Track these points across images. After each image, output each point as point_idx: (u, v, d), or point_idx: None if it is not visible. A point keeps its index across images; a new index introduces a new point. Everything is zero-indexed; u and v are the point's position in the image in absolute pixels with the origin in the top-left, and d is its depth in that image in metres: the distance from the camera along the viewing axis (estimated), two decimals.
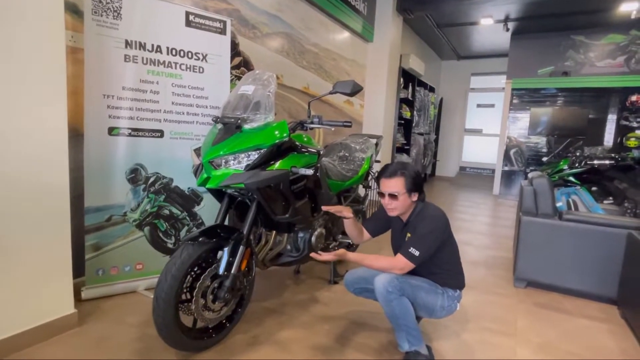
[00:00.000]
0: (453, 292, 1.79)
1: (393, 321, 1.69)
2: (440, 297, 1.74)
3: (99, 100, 2.09)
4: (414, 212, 1.77)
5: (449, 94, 9.32)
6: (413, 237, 1.68)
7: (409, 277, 1.69)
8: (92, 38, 2.04)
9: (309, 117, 1.98)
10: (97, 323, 1.95)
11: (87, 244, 2.15)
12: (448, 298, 1.76)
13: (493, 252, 3.60)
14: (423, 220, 1.71)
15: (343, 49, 4.87)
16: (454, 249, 1.84)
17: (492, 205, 6.20)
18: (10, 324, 1.64)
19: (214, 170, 1.68)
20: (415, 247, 1.64)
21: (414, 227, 1.72)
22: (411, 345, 1.69)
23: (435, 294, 1.73)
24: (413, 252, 1.63)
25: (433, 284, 1.75)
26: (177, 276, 1.55)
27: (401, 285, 1.64)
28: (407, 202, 1.72)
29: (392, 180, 1.70)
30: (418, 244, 1.65)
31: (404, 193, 1.69)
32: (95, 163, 2.12)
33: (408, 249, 1.64)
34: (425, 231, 1.67)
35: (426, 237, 1.66)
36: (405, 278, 1.67)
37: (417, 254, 1.63)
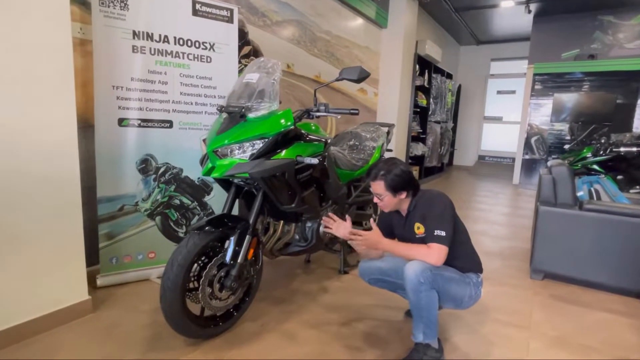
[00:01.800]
0: (477, 277, 1.74)
1: (416, 311, 1.64)
2: (469, 287, 1.69)
3: (108, 92, 2.12)
4: (411, 204, 1.73)
5: (468, 81, 9.06)
6: (430, 222, 1.63)
7: (443, 268, 1.62)
8: (100, 30, 2.05)
9: (315, 105, 1.95)
10: (111, 310, 2.00)
11: (101, 233, 2.20)
12: (474, 285, 1.71)
13: (510, 243, 3.50)
14: (430, 204, 1.67)
15: (356, 36, 4.77)
16: (464, 229, 1.79)
17: (512, 195, 6.04)
18: (28, 310, 1.70)
19: (219, 159, 1.67)
20: (439, 229, 1.59)
21: (421, 215, 1.68)
22: (425, 338, 1.64)
23: (465, 284, 1.68)
24: (440, 234, 1.58)
25: (462, 275, 1.70)
26: (183, 265, 1.57)
27: (434, 277, 1.57)
28: (394, 200, 1.71)
29: (374, 183, 1.70)
30: (440, 225, 1.60)
31: (387, 194, 1.69)
32: (106, 154, 2.15)
33: (433, 234, 1.59)
34: (438, 211, 1.64)
35: (443, 215, 1.63)
36: (439, 270, 1.60)
37: (444, 234, 1.59)
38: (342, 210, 2.47)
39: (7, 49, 1.53)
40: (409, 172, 1.70)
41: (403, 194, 1.70)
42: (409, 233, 1.73)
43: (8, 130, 1.56)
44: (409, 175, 1.69)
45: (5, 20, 1.51)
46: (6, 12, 1.51)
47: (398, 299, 2.25)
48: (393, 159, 1.76)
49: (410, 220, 1.73)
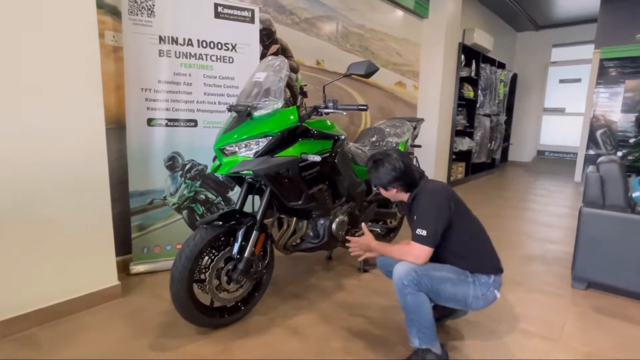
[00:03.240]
0: (486, 277, 1.60)
1: (406, 314, 1.59)
2: (472, 287, 1.58)
3: (137, 94, 2.28)
4: (410, 197, 1.66)
5: (526, 70, 8.37)
6: (416, 219, 1.57)
7: (432, 268, 1.55)
8: (129, 36, 2.21)
9: (324, 102, 1.93)
10: (138, 295, 2.18)
11: (133, 224, 2.39)
12: (481, 286, 1.59)
13: (554, 246, 3.20)
14: (419, 201, 1.59)
15: (392, 28, 4.63)
16: (475, 227, 1.66)
17: (570, 194, 5.50)
18: (64, 291, 1.91)
19: (225, 157, 1.73)
20: (421, 227, 1.52)
21: (415, 209, 1.61)
22: (422, 343, 1.57)
23: (465, 283, 1.58)
24: (420, 233, 1.52)
25: (462, 273, 1.59)
26: (190, 257, 1.65)
27: (419, 279, 1.51)
28: (388, 194, 1.70)
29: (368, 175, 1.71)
30: (422, 223, 1.53)
31: (380, 188, 1.70)
32: (137, 152, 2.33)
33: (415, 232, 1.54)
34: (424, 209, 1.56)
35: (427, 213, 1.54)
36: (427, 270, 1.53)
37: (425, 234, 1.51)
38: (360, 208, 2.43)
39: (44, 60, 1.71)
40: (397, 169, 1.60)
41: (393, 190, 1.66)
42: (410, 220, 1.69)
43: (45, 133, 1.75)
44: (398, 171, 1.60)
45: (40, 33, 1.69)
46: (40, 25, 1.69)
47: None
48: (386, 152, 1.67)
49: (412, 213, 1.65)
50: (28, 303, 1.81)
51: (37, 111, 1.72)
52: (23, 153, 1.70)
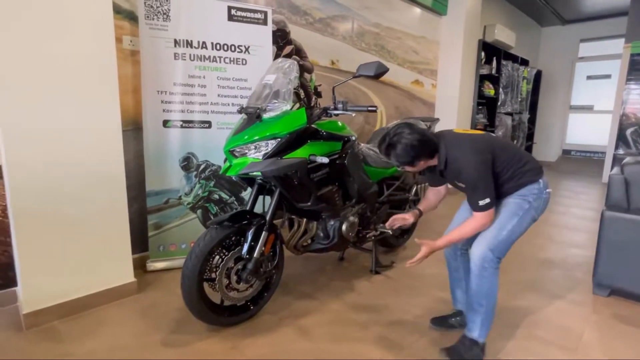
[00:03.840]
0: (536, 185, 1.64)
1: (475, 301, 1.63)
2: (532, 209, 1.64)
3: (154, 96, 2.35)
4: (440, 163, 1.63)
5: (551, 66, 8.07)
6: (470, 191, 1.58)
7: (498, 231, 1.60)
8: (145, 40, 2.28)
9: (334, 103, 1.93)
10: (153, 292, 2.24)
11: (150, 223, 2.46)
12: (537, 199, 1.64)
13: (577, 250, 3.08)
14: (460, 172, 1.57)
15: (409, 26, 4.57)
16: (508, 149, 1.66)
17: (597, 196, 5.28)
18: (82, 287, 1.99)
19: (235, 159, 1.76)
20: (480, 197, 1.54)
21: (456, 179, 1.62)
22: (481, 335, 1.63)
23: (526, 213, 1.63)
24: (482, 202, 1.54)
25: (518, 206, 1.63)
26: (200, 256, 1.69)
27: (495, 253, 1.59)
28: (417, 168, 1.65)
29: (388, 158, 1.64)
30: (479, 193, 1.54)
31: (403, 166, 1.64)
32: (153, 152, 2.40)
33: (478, 204, 1.56)
34: (474, 180, 1.54)
35: (479, 181, 1.54)
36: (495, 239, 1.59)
37: (487, 201, 1.54)
38: (372, 209, 2.42)
39: (65, 67, 1.79)
40: (418, 141, 1.54)
41: (420, 163, 1.61)
42: (451, 182, 1.71)
43: (66, 136, 1.83)
44: (418, 144, 1.55)
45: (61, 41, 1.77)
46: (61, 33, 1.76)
47: (426, 304, 2.15)
48: (402, 126, 1.61)
49: (448, 176, 1.67)
50: (51, 297, 1.89)
51: (59, 115, 1.80)
52: (46, 155, 1.78)
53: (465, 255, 1.85)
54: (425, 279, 2.48)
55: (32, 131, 1.74)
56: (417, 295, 2.27)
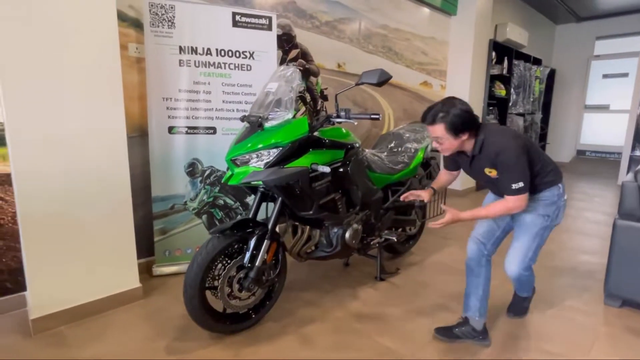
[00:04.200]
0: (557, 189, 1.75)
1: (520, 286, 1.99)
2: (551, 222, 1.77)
3: (159, 103, 2.36)
4: (475, 147, 1.66)
5: (565, 65, 7.90)
6: (506, 175, 1.61)
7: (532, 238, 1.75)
8: (151, 47, 2.30)
9: (336, 111, 1.92)
10: (159, 297, 2.26)
11: (155, 228, 2.49)
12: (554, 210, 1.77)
13: (588, 258, 3.00)
14: (499, 154, 1.59)
15: (418, 27, 4.51)
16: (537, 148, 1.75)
17: (612, 199, 5.14)
18: (88, 293, 2.02)
19: (237, 167, 1.76)
20: (515, 181, 1.58)
21: (491, 163, 1.64)
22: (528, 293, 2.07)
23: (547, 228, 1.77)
24: (517, 186, 1.59)
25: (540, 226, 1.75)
26: (202, 265, 1.70)
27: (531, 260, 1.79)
28: (456, 143, 1.64)
29: (432, 127, 1.63)
30: (515, 177, 1.59)
31: (447, 137, 1.62)
32: (158, 158, 2.42)
33: (511, 187, 1.60)
34: (511, 163, 1.58)
35: (516, 166, 1.58)
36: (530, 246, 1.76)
37: (521, 185, 1.59)
38: (376, 216, 2.39)
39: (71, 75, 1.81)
40: (470, 112, 1.62)
41: (465, 135, 1.62)
42: (479, 172, 1.74)
43: (71, 143, 1.86)
44: (470, 114, 1.61)
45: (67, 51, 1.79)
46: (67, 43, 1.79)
47: (430, 314, 2.12)
48: (451, 98, 1.66)
49: (478, 163, 1.70)
50: (58, 303, 1.93)
51: (66, 123, 1.83)
52: (54, 162, 1.81)
53: (489, 263, 1.88)
54: (430, 287, 2.45)
55: (40, 139, 1.77)
56: (422, 304, 2.25)
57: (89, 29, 1.84)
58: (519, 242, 1.77)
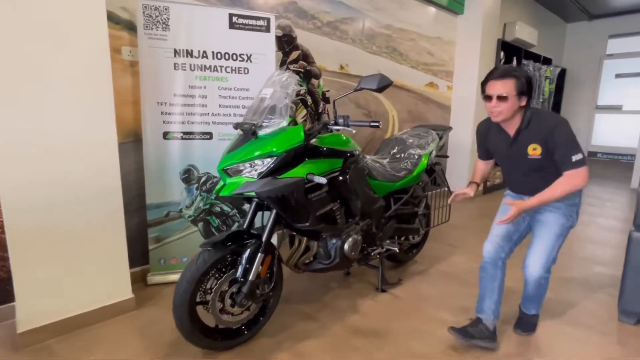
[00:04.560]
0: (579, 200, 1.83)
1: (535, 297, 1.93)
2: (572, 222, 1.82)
3: (153, 108, 2.29)
4: (524, 120, 1.68)
5: (576, 64, 7.71)
6: (563, 148, 1.60)
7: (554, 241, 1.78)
8: (145, 51, 2.22)
9: (335, 118, 1.83)
10: (152, 308, 2.19)
11: (150, 236, 2.42)
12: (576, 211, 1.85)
13: (601, 269, 2.87)
14: (552, 129, 1.61)
15: (423, 27, 4.39)
16: None
17: (625, 203, 4.98)
18: (79, 304, 1.96)
19: (229, 178, 1.68)
20: (574, 153, 1.59)
21: (541, 139, 1.64)
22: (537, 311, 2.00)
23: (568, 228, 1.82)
24: (577, 158, 1.59)
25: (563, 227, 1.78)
26: (191, 281, 1.62)
27: (552, 262, 1.81)
28: (515, 107, 1.64)
29: (502, 81, 1.62)
30: (574, 149, 1.59)
31: (514, 95, 1.61)
32: (153, 164, 2.35)
33: (571, 160, 1.59)
34: (568, 136, 1.60)
35: (573, 139, 1.60)
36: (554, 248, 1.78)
37: (580, 156, 1.60)
38: (378, 225, 2.30)
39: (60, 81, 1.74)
40: (532, 80, 1.69)
41: (524, 100, 1.65)
42: (518, 155, 1.73)
43: (59, 150, 1.79)
44: (532, 82, 1.68)
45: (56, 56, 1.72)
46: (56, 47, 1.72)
47: (432, 330, 2.02)
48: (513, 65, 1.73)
49: (523, 140, 1.70)
50: (47, 315, 1.87)
51: (54, 130, 1.76)
52: (41, 171, 1.75)
53: (504, 266, 1.90)
54: (432, 299, 2.35)
55: (27, 146, 1.70)
56: (423, 318, 2.15)
57: (77, 32, 1.77)
58: (543, 241, 1.77)
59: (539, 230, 1.80)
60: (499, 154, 1.86)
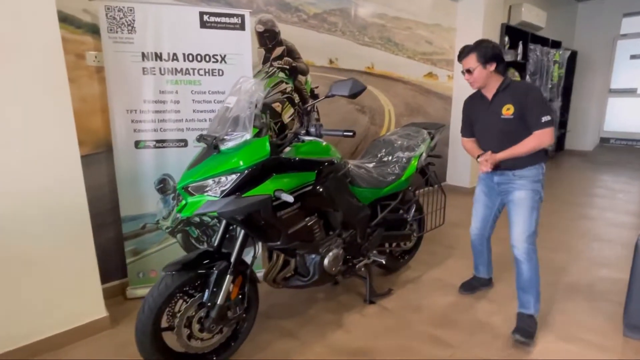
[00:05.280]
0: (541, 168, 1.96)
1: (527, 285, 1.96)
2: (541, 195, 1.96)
3: (123, 116, 2.17)
4: (502, 83, 1.90)
5: (588, 46, 7.32)
6: (534, 109, 1.79)
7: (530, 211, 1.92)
8: (110, 55, 2.09)
9: (307, 126, 1.67)
10: (128, 325, 2.10)
11: (127, 249, 2.33)
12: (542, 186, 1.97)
13: (608, 272, 2.69)
14: (527, 92, 1.83)
15: (420, 14, 4.15)
16: None
17: (637, 195, 4.72)
18: (48, 327, 1.88)
19: (190, 196, 1.55)
20: (544, 114, 1.78)
21: (516, 101, 1.83)
22: (535, 312, 1.97)
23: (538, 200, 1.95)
24: (546, 119, 1.78)
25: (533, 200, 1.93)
26: (153, 309, 1.52)
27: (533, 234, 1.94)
28: (484, 73, 1.87)
29: (466, 58, 1.90)
30: (543, 111, 1.79)
31: (477, 66, 1.86)
32: (125, 175, 2.23)
33: (540, 120, 1.78)
34: (539, 99, 1.82)
35: (543, 102, 1.82)
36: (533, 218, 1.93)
37: (550, 118, 1.79)
38: (363, 235, 2.16)
39: (9, 95, 1.63)
40: (498, 47, 1.88)
41: (493, 65, 1.85)
42: (493, 116, 1.92)
43: (16, 171, 1.68)
44: (497, 49, 1.87)
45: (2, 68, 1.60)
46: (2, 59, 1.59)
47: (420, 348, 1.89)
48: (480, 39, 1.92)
49: (499, 101, 1.90)
50: (14, 340, 1.79)
51: (6, 151, 1.65)
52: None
53: (489, 240, 2.29)
54: (425, 312, 2.22)
55: None
56: (412, 335, 2.02)
57: (26, 40, 1.63)
58: (519, 216, 1.95)
59: (513, 208, 1.98)
60: (478, 122, 2.04)
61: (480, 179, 2.19)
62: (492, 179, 2.08)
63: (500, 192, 2.07)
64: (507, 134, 1.89)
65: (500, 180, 2.03)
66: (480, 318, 2.15)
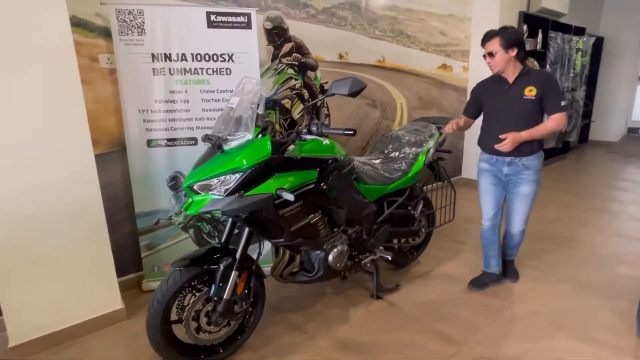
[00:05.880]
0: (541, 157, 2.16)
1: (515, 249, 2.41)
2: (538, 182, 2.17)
3: (135, 116, 2.24)
4: (524, 69, 2.03)
5: (615, 31, 6.98)
6: (555, 93, 1.98)
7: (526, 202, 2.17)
8: (122, 57, 2.15)
9: (308, 124, 1.69)
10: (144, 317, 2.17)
11: (142, 244, 2.42)
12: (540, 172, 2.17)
13: (625, 270, 2.61)
14: (549, 79, 2.02)
15: (433, 4, 4.06)
16: None
17: None
18: (67, 318, 1.99)
19: (195, 195, 1.60)
20: (564, 99, 1.99)
21: (540, 83, 1.98)
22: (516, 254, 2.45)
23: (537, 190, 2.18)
24: (565, 103, 1.99)
25: (534, 192, 2.16)
26: (162, 302, 1.59)
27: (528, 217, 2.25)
28: (505, 58, 1.98)
29: (489, 42, 1.99)
30: (560, 96, 1.99)
31: (499, 50, 1.96)
32: (139, 173, 2.32)
33: (560, 104, 1.98)
34: (557, 86, 2.01)
35: (560, 89, 2.03)
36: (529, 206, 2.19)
37: (566, 103, 2.01)
38: (369, 231, 2.17)
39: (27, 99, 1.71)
40: (521, 34, 2.01)
41: (514, 51, 1.96)
42: (512, 99, 2.04)
43: (32, 169, 1.78)
44: (521, 36, 1.99)
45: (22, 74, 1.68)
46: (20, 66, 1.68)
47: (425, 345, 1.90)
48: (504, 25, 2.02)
49: (521, 83, 2.02)
50: (36, 329, 1.91)
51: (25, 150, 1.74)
52: (15, 192, 1.74)
53: (499, 229, 2.35)
54: (430, 307, 2.22)
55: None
56: (418, 331, 2.03)
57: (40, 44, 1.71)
58: (522, 207, 2.19)
59: (517, 202, 2.19)
60: (492, 101, 2.13)
61: (484, 171, 2.25)
62: (502, 170, 2.17)
63: (508, 183, 2.19)
64: (523, 116, 2.01)
65: (509, 172, 2.15)
66: (488, 315, 2.13)
